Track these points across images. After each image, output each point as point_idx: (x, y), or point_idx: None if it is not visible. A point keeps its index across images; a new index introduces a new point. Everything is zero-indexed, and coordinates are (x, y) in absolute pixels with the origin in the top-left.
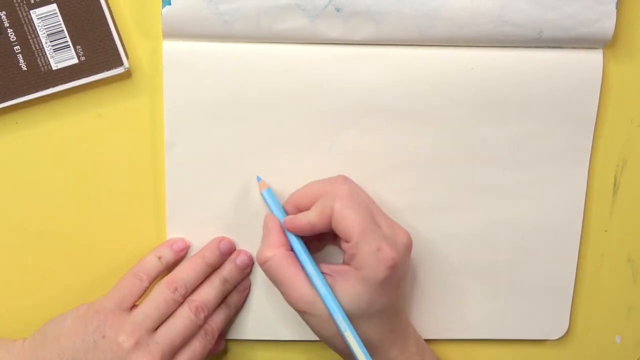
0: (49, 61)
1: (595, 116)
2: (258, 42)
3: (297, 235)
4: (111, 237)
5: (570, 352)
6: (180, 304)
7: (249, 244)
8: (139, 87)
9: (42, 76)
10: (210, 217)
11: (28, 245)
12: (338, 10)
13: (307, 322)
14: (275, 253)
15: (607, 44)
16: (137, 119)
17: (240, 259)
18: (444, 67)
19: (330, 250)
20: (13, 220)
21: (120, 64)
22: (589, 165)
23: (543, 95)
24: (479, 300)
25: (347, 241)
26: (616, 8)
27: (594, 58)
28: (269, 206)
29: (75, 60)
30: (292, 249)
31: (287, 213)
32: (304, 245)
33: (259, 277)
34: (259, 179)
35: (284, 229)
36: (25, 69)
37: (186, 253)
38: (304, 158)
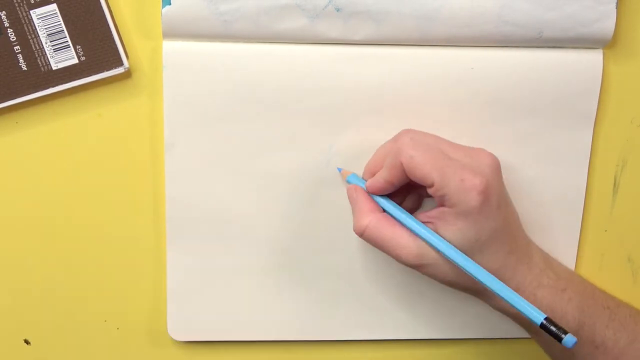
0: (49, 61)
1: (595, 116)
2: (258, 42)
3: (385, 197)
4: (111, 236)
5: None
6: None
7: (249, 244)
8: (139, 87)
9: (42, 76)
10: (211, 217)
11: (28, 245)
12: (338, 10)
13: (426, 273)
14: (371, 218)
15: (607, 44)
16: (137, 119)
17: None
18: (444, 67)
19: (428, 203)
20: (13, 220)
21: (120, 64)
22: (589, 165)
23: (543, 95)
24: (478, 300)
25: (429, 186)
26: (616, 8)
27: (594, 58)
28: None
29: (75, 60)
30: (384, 211)
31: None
32: (396, 204)
33: (258, 277)
34: (339, 169)
35: (371, 195)
36: (25, 69)
37: None
38: (304, 158)
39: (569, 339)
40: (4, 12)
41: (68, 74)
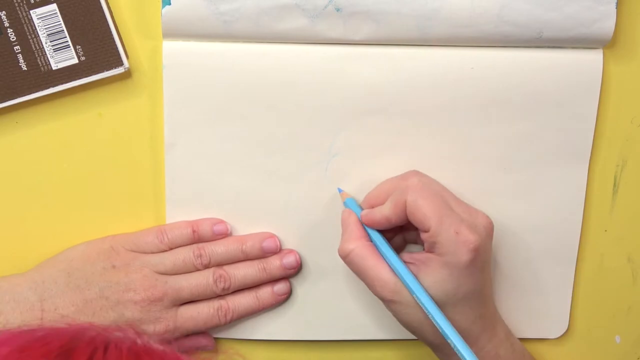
0: (49, 61)
1: (595, 116)
2: (258, 42)
3: (376, 230)
4: None
5: (570, 352)
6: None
7: None
8: (139, 87)
9: (42, 76)
10: (211, 216)
11: (28, 245)
12: (338, 10)
13: (394, 311)
14: (357, 245)
15: (607, 44)
16: (137, 118)
17: (287, 259)
18: (444, 67)
19: (410, 249)
20: (13, 220)
21: (120, 64)
22: (589, 165)
23: (543, 95)
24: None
25: (425, 231)
26: (616, 8)
27: (594, 58)
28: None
29: (75, 60)
30: (372, 242)
31: None
32: (384, 238)
33: None
34: (340, 190)
35: (363, 225)
36: (25, 69)
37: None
38: (304, 157)
39: None
40: (4, 12)
41: (68, 74)
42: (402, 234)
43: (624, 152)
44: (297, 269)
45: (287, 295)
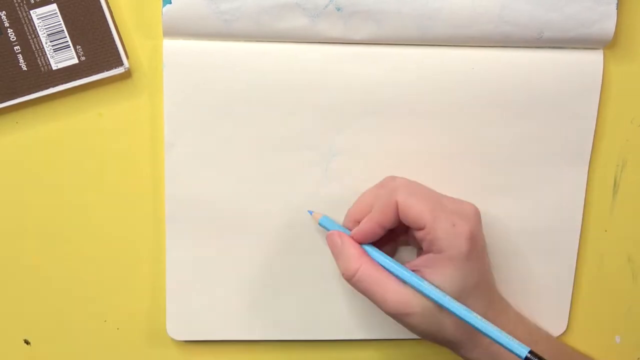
0: (49, 61)
1: (595, 116)
2: (258, 41)
3: (370, 245)
4: (111, 236)
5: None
6: None
7: (249, 244)
8: (139, 87)
9: (42, 76)
10: (211, 217)
11: (28, 245)
12: (339, 9)
13: (410, 324)
14: (362, 263)
15: (607, 44)
16: (137, 118)
17: None
18: (444, 67)
19: (401, 253)
20: (13, 220)
21: (120, 63)
22: (589, 165)
23: (543, 95)
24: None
25: (420, 229)
26: (616, 9)
27: (594, 58)
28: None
29: (75, 60)
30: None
31: (350, 229)
32: (382, 252)
33: (258, 277)
34: (310, 212)
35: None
36: (25, 69)
37: None
38: (303, 157)
39: None
40: (4, 12)
41: (68, 74)
42: (391, 241)
43: (624, 152)
44: None
45: None
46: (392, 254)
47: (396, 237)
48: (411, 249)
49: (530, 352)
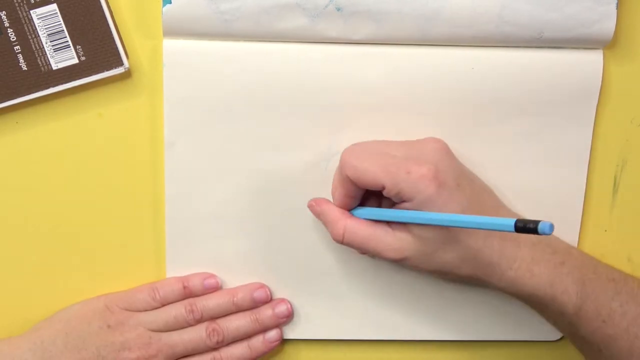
0: (49, 61)
1: (595, 116)
2: (258, 41)
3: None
4: (110, 236)
5: (570, 353)
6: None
7: (249, 244)
8: (139, 87)
9: (42, 76)
10: (211, 217)
11: (28, 245)
12: (338, 9)
13: (410, 266)
14: (346, 221)
15: (607, 44)
16: (137, 118)
17: (279, 308)
18: (444, 67)
19: None
20: (13, 220)
21: (120, 63)
22: (589, 165)
23: (543, 95)
24: (477, 301)
25: (382, 189)
26: (616, 9)
27: (594, 58)
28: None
29: (75, 60)
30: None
31: None
32: (367, 206)
33: (258, 277)
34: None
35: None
36: (25, 69)
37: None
38: (303, 157)
39: (543, 226)
40: (4, 12)
41: (68, 74)
42: (379, 200)
43: (624, 152)
44: (289, 318)
45: (279, 342)
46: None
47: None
48: None
49: (517, 220)
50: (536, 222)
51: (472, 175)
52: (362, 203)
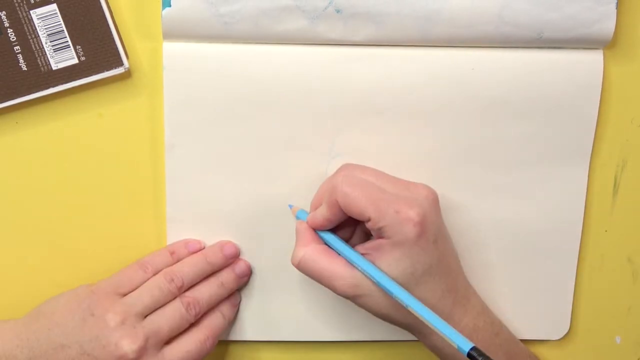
0: (49, 61)
1: (595, 116)
2: (258, 43)
3: (327, 230)
4: (111, 237)
5: (571, 352)
6: (175, 297)
7: (250, 244)
8: (139, 87)
9: (42, 76)
10: (211, 217)
11: (28, 245)
12: (338, 11)
13: (362, 304)
14: (306, 250)
15: (607, 44)
16: (137, 119)
17: (239, 267)
18: (444, 67)
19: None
20: (13, 220)
21: (120, 64)
22: (590, 165)
23: (543, 95)
24: None
25: (367, 221)
26: (616, 9)
27: (594, 58)
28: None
29: (75, 60)
30: (325, 244)
31: None
32: (337, 236)
33: (258, 277)
34: (290, 206)
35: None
36: (25, 69)
37: None
38: (304, 159)
39: None
40: (4, 12)
41: (68, 74)
42: (359, 227)
43: (624, 152)
44: (249, 276)
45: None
46: (364, 238)
47: (356, 221)
48: None
49: (474, 348)
50: None
51: (448, 235)
52: (335, 228)
